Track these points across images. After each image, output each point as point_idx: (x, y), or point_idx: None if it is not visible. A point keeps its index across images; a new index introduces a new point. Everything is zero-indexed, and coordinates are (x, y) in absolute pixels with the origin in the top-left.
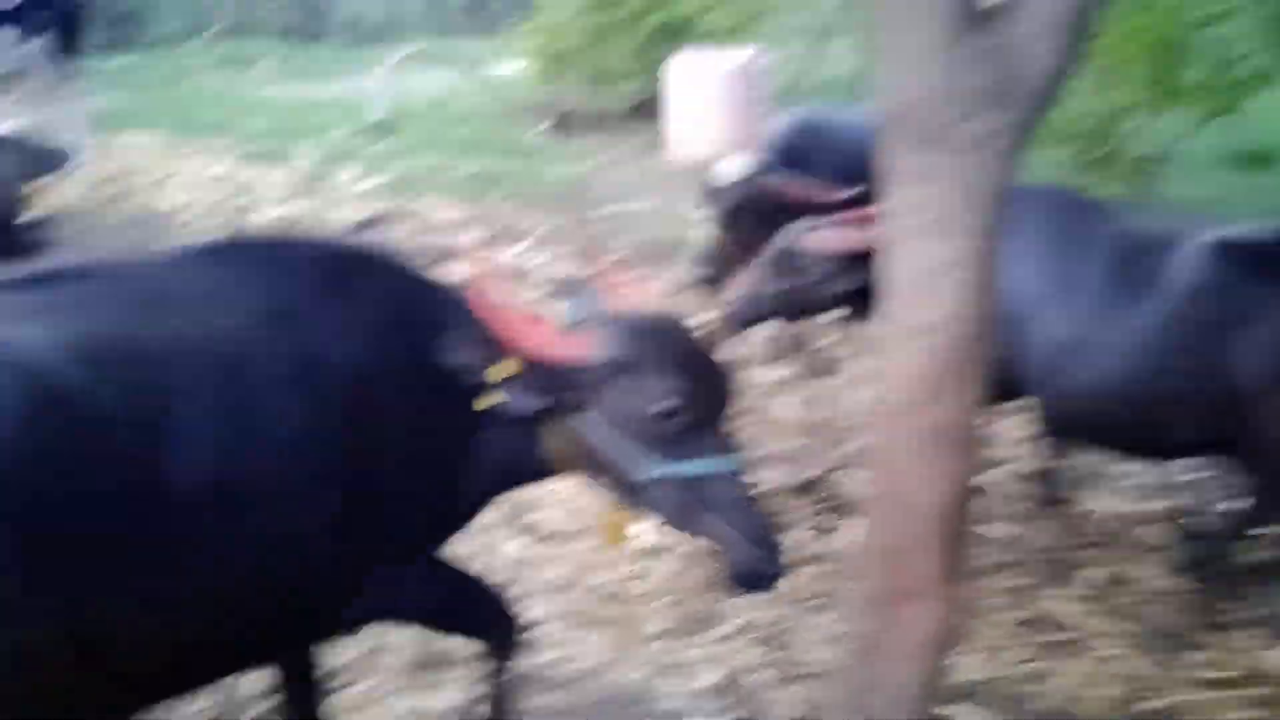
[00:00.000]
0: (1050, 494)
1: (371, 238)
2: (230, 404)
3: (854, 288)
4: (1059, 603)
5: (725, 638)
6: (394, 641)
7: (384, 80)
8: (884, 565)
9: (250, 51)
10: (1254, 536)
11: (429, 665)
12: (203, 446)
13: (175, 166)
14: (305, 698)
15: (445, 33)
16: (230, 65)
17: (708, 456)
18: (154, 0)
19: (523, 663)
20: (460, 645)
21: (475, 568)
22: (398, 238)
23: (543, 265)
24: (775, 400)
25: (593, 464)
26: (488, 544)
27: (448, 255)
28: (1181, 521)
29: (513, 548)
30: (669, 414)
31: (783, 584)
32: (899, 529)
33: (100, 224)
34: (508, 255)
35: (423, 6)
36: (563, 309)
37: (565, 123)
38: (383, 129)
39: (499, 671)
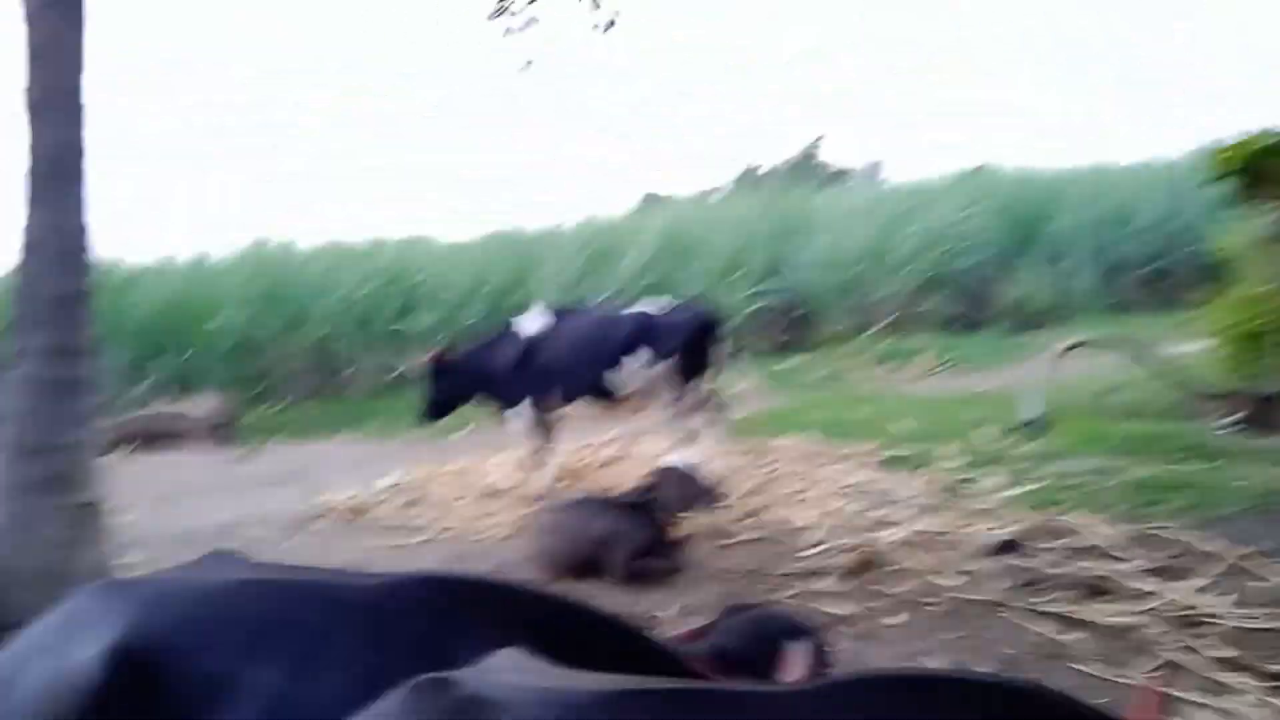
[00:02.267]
0: None
1: (1009, 560)
2: None
3: None
4: None
5: None
6: None
7: (1043, 371)
8: None
9: (910, 346)
10: None
11: None
12: None
13: (817, 474)
14: None
15: (1118, 311)
16: (889, 361)
17: None
18: (827, 300)
19: None
20: None
21: None
22: (1041, 562)
23: (1225, 612)
24: None
25: None
26: None
27: (1100, 589)
28: None
29: None
30: None
31: None
32: None
33: (739, 540)
34: (1178, 592)
35: (1093, 284)
36: None
37: (1262, 416)
38: (1036, 427)
39: None
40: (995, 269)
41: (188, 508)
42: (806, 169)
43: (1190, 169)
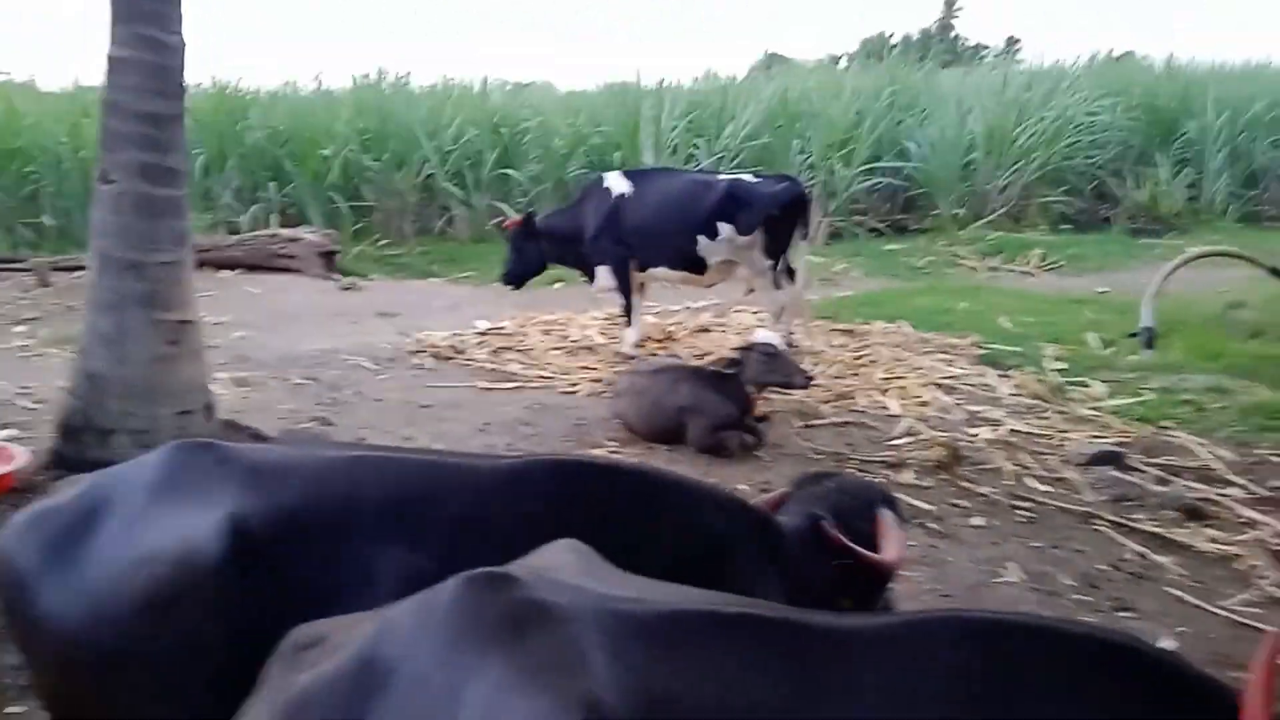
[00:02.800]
0: None
1: (1106, 472)
2: None
3: None
4: None
5: None
6: None
7: (1164, 278)
8: None
9: (1024, 240)
10: None
11: None
12: None
13: (913, 363)
14: None
15: (1252, 223)
16: (1001, 253)
17: None
18: (941, 184)
19: None
20: None
21: None
22: (1140, 478)
23: None
24: None
25: None
26: None
27: (1197, 512)
28: None
29: None
30: None
31: None
32: None
33: (824, 422)
34: None
35: (1229, 191)
36: None
37: None
38: (1150, 337)
39: None
40: (1124, 166)
41: (290, 332)
42: (940, 41)
43: None
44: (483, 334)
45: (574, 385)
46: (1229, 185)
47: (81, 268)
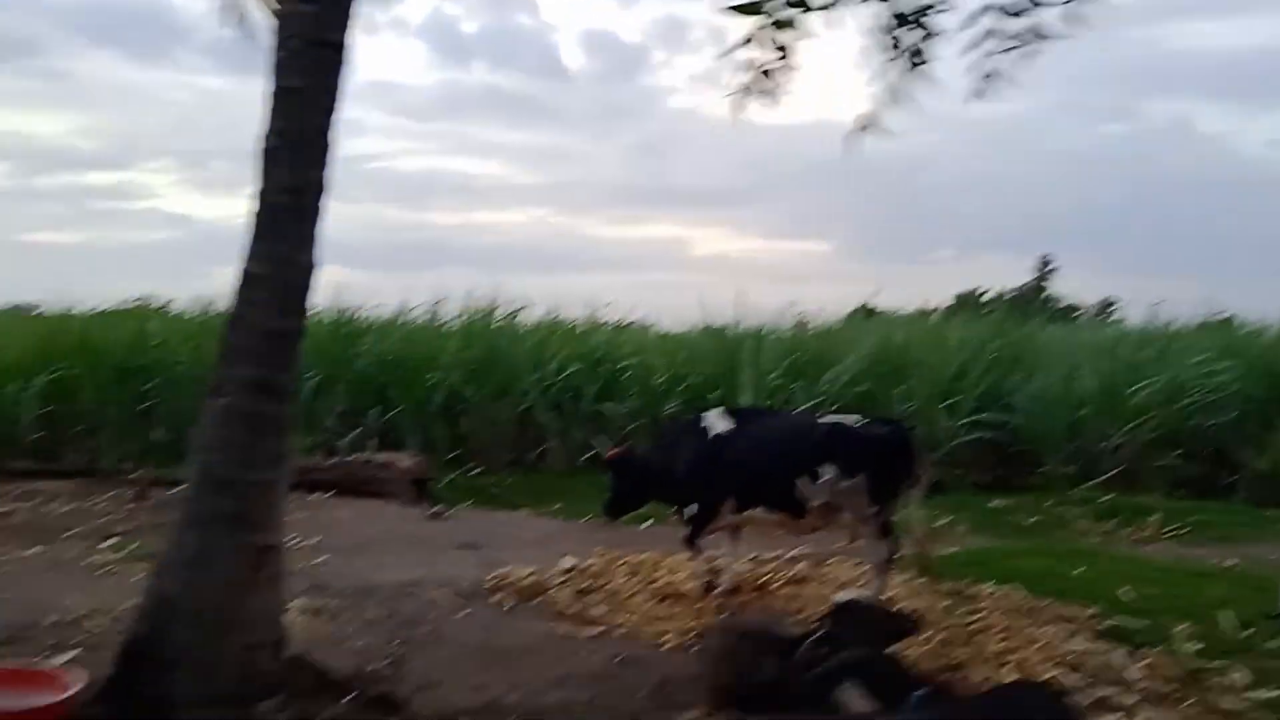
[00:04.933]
0: None
1: None
2: None
3: None
4: None
5: None
6: None
7: None
8: None
9: (1139, 503)
10: None
11: None
12: None
13: (1027, 634)
14: None
15: None
16: (1114, 516)
17: None
18: (1049, 441)
19: None
20: None
21: None
22: None
23: None
24: None
25: None
26: None
27: None
28: None
29: None
30: None
31: None
32: None
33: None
34: None
35: None
36: None
37: None
38: None
39: None
40: (1244, 431)
41: (372, 560)
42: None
43: None
44: (567, 572)
45: (661, 636)
46: None
47: (180, 484)
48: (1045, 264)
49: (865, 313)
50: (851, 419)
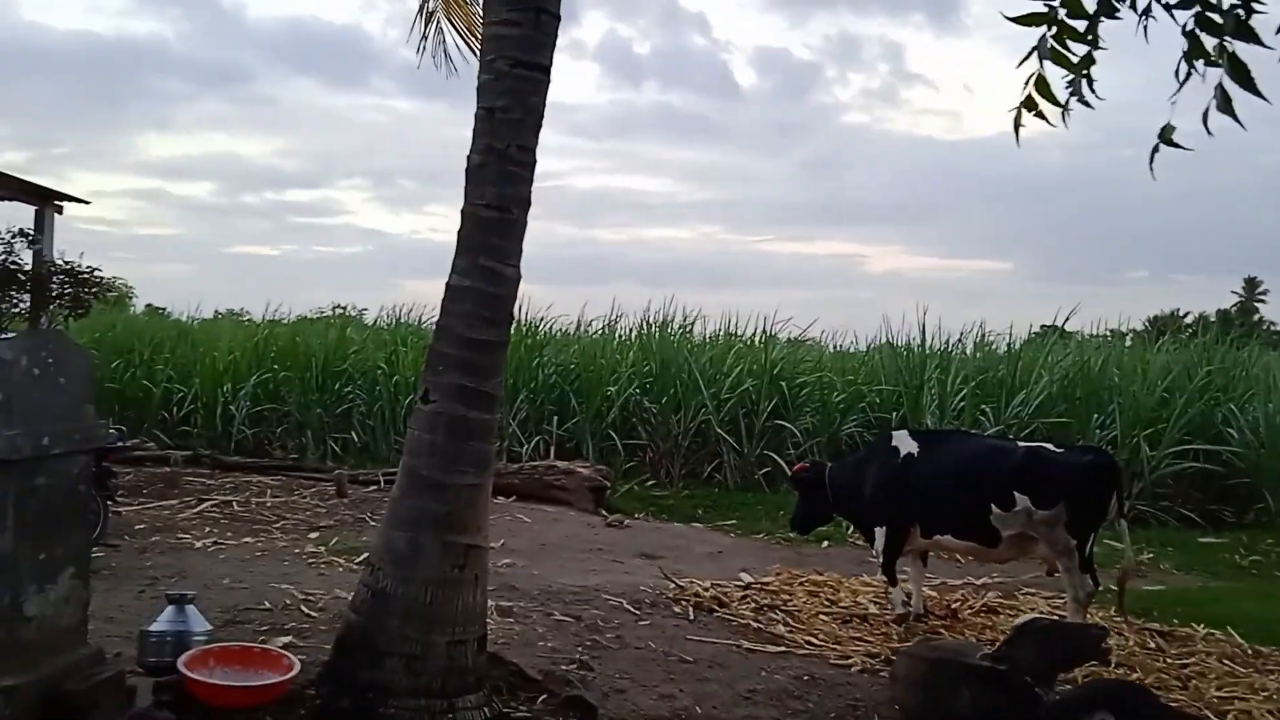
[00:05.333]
0: None
1: None
2: None
3: None
4: None
5: None
6: None
7: None
8: None
9: None
10: None
11: None
12: None
13: (1252, 681)
14: None
15: None
16: None
17: None
18: (1268, 474)
19: None
20: None
21: None
22: None
23: None
24: None
25: None
26: None
27: None
28: None
29: None
30: None
31: None
32: None
33: None
34: None
35: None
36: None
37: None
38: None
39: None
40: None
41: (554, 564)
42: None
43: None
44: (746, 587)
45: (846, 658)
46: None
47: (376, 482)
48: (1253, 286)
49: (1055, 334)
50: (1049, 446)
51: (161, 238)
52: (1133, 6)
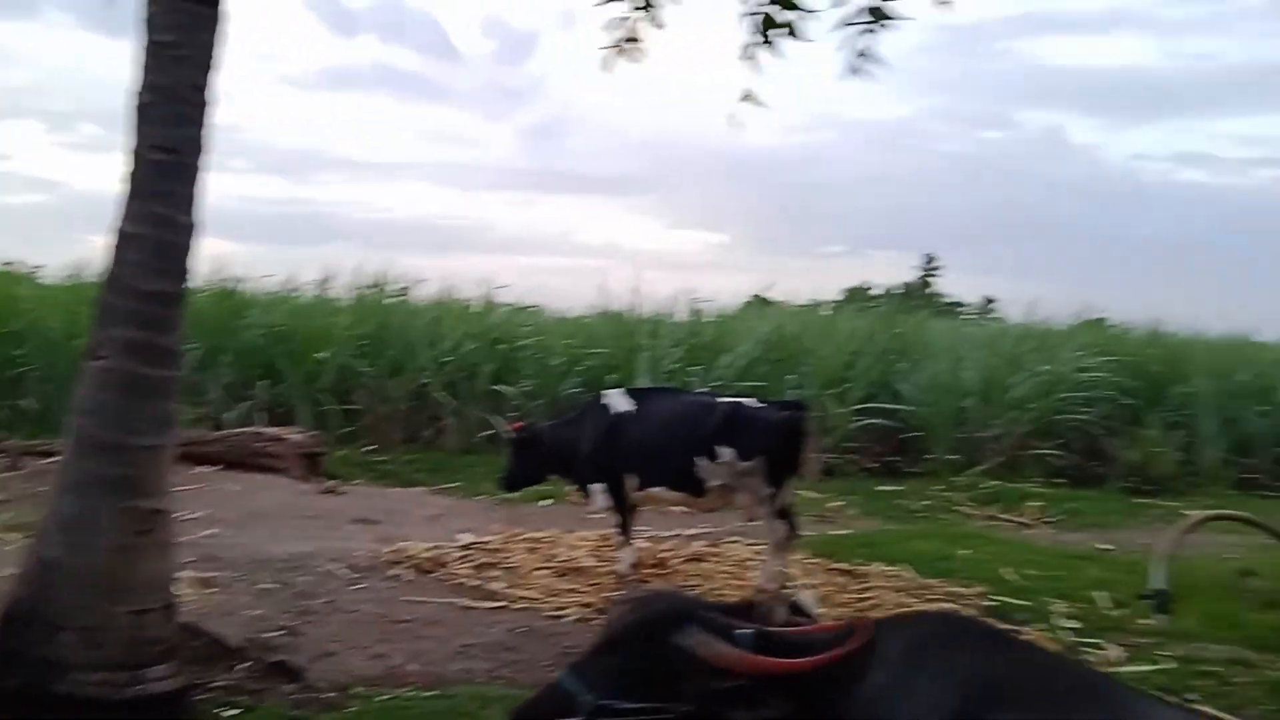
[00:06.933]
0: None
1: None
2: None
3: None
4: None
5: None
6: None
7: (1169, 539)
8: None
9: (1020, 490)
10: None
11: None
12: None
13: (920, 607)
14: None
15: (1247, 489)
16: (997, 502)
17: None
18: (936, 428)
19: None
20: None
21: None
22: None
23: None
24: None
25: None
26: None
27: None
28: None
29: None
30: None
31: None
32: None
33: None
34: None
35: (1221, 456)
36: None
37: None
38: (1161, 601)
39: None
40: (1115, 425)
41: (265, 533)
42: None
43: None
44: (466, 548)
45: (561, 609)
46: (1222, 451)
47: (55, 453)
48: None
49: (760, 303)
50: (750, 401)
51: None
52: None
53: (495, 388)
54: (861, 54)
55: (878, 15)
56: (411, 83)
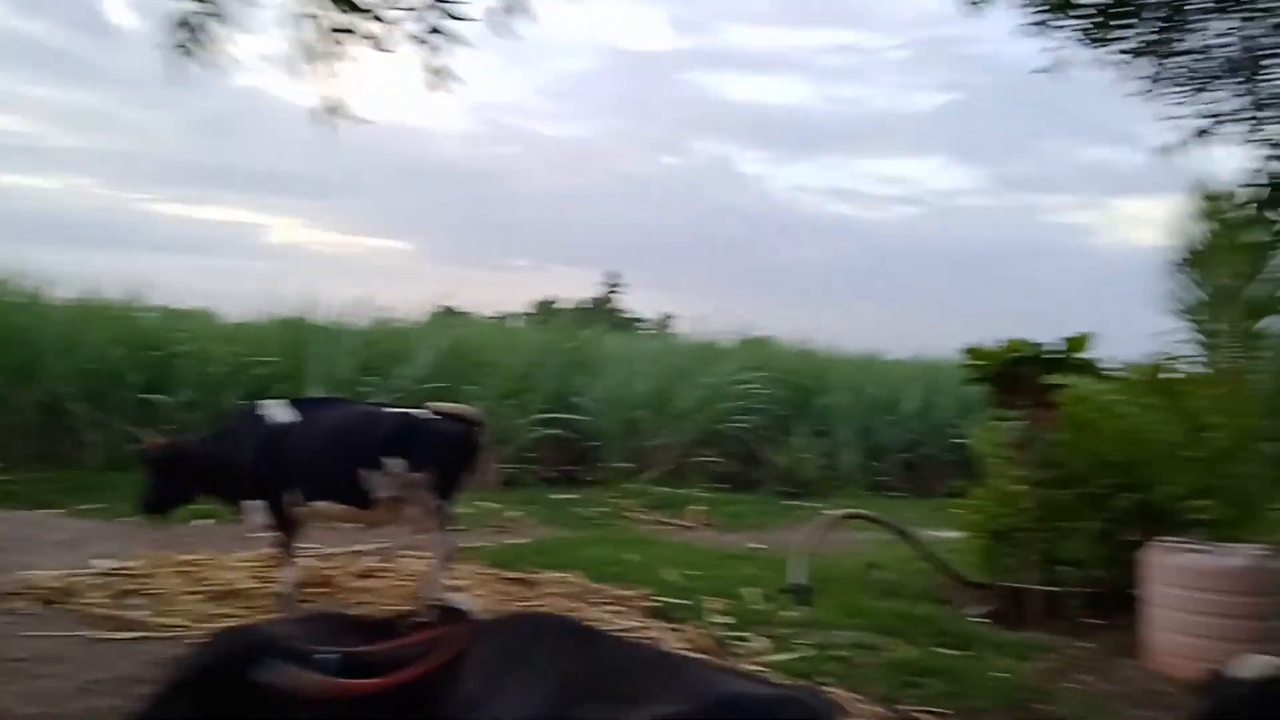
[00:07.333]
0: None
1: None
2: None
3: None
4: None
5: None
6: None
7: (812, 537)
8: None
9: (685, 495)
10: None
11: None
12: None
13: (585, 614)
14: None
15: (879, 490)
16: (665, 508)
17: None
18: (609, 438)
19: None
20: None
21: None
22: None
23: None
24: None
25: None
26: None
27: None
28: None
29: None
30: None
31: None
32: None
33: None
34: None
35: (858, 461)
36: None
37: (1009, 610)
38: (802, 594)
39: None
40: (768, 433)
41: None
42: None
43: (952, 369)
44: (104, 575)
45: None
46: (857, 456)
47: None
48: (613, 279)
49: (447, 314)
50: (420, 412)
51: None
52: None
53: (146, 398)
54: (436, 71)
55: (438, 31)
56: (57, 59)
